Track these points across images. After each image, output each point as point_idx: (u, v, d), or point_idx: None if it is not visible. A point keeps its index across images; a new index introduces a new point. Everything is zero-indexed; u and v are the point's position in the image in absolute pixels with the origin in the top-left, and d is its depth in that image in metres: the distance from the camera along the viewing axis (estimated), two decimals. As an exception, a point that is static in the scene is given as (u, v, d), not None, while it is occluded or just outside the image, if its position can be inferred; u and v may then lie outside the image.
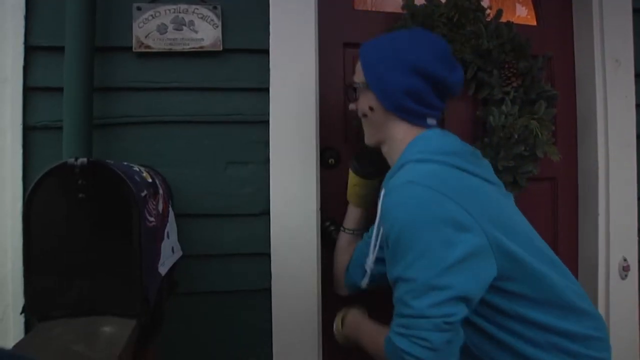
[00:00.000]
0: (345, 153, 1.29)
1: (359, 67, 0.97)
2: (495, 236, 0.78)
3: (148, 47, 1.12)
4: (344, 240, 1.17)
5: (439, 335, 0.73)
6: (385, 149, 0.99)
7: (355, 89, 0.98)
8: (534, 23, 1.45)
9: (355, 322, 1.05)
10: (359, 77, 0.97)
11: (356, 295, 1.14)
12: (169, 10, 1.13)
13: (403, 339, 0.75)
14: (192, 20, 1.13)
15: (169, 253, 0.97)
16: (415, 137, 0.91)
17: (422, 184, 0.79)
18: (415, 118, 0.93)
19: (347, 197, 1.16)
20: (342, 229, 1.18)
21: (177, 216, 1.09)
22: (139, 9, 1.12)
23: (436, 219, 0.76)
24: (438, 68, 0.89)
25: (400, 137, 0.94)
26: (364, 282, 1.04)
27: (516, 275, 0.80)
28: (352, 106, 1.02)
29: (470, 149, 0.95)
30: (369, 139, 1.02)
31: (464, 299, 0.75)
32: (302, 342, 1.16)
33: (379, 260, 0.95)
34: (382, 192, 0.88)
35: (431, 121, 0.94)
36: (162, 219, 0.93)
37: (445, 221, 0.76)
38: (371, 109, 0.95)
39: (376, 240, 0.95)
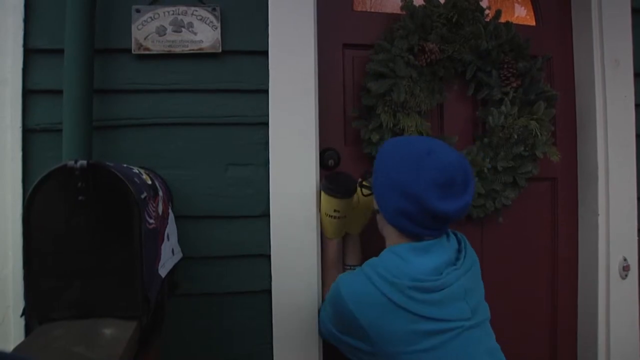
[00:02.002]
0: (345, 154, 1.29)
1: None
2: None
3: (147, 49, 1.12)
4: None
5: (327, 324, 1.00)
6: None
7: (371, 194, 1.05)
8: (533, 23, 1.45)
9: (332, 248, 1.17)
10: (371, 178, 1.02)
11: None
12: (168, 12, 1.13)
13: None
14: (191, 22, 1.13)
15: (169, 255, 0.97)
16: (396, 245, 0.94)
17: (351, 296, 0.89)
18: (410, 234, 0.94)
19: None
20: (347, 268, 1.20)
21: (177, 218, 1.09)
22: (137, 11, 1.12)
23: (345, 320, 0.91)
24: (429, 196, 0.86)
25: (390, 240, 1.00)
26: None
27: None
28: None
29: (439, 282, 0.87)
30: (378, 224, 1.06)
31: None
32: (303, 343, 1.16)
33: None
34: None
35: (428, 239, 0.94)
36: (162, 220, 0.93)
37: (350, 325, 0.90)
38: (377, 210, 1.01)
39: None
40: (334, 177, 1.13)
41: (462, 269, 0.92)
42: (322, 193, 1.13)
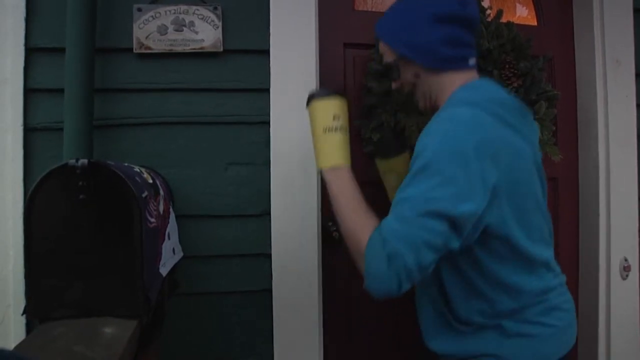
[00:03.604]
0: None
1: (384, 47, 0.97)
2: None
3: (148, 48, 1.12)
4: None
5: (430, 255, 0.72)
6: (437, 102, 0.95)
7: (396, 67, 0.96)
8: (535, 23, 1.45)
9: (341, 176, 0.86)
10: (389, 55, 0.96)
11: None
12: (170, 11, 1.13)
13: (399, 242, 0.71)
14: (192, 21, 1.13)
15: (170, 254, 0.97)
16: (464, 82, 0.90)
17: (464, 125, 0.77)
18: (458, 63, 0.92)
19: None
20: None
21: (178, 217, 1.09)
22: (139, 10, 1.12)
23: (469, 152, 0.74)
24: (454, 8, 0.89)
25: (448, 87, 0.92)
26: None
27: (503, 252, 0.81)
28: (395, 85, 1.00)
29: (523, 106, 0.93)
30: (424, 105, 0.99)
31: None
32: (303, 342, 1.16)
33: None
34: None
35: (472, 61, 0.93)
36: (163, 219, 0.93)
37: (469, 166, 0.74)
38: (417, 75, 0.94)
39: None
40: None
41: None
42: (311, 106, 0.91)
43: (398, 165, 1.08)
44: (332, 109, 0.90)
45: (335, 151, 0.88)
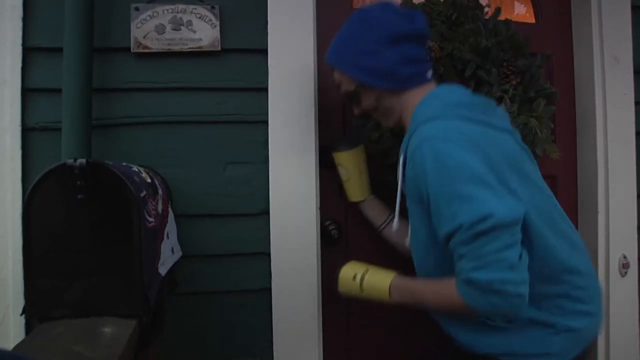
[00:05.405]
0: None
1: (340, 76, 0.97)
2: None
3: (146, 47, 1.12)
4: (388, 232, 1.16)
5: (511, 252, 0.74)
6: (405, 124, 0.97)
7: (355, 94, 0.98)
8: (533, 21, 1.45)
9: (398, 285, 0.93)
10: (348, 84, 0.97)
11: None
12: (167, 10, 1.13)
13: (480, 272, 0.73)
14: (190, 20, 1.13)
15: (169, 253, 0.97)
16: (422, 99, 0.91)
17: (441, 138, 0.79)
18: (418, 79, 0.93)
19: (351, 198, 1.16)
20: (378, 230, 1.18)
21: (177, 216, 1.09)
22: (137, 9, 1.12)
23: (465, 172, 0.76)
24: (405, 26, 0.90)
25: (411, 104, 0.93)
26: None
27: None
28: (357, 111, 1.02)
29: (483, 99, 0.95)
30: (388, 124, 1.01)
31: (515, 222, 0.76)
32: (303, 341, 1.16)
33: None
34: (402, 157, 0.89)
35: (429, 74, 0.95)
36: (162, 219, 0.93)
37: (473, 171, 0.77)
38: (378, 99, 0.95)
39: (399, 206, 0.94)
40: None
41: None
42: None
43: (346, 160, 1.13)
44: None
45: (378, 283, 0.95)
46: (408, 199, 0.90)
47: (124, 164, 0.94)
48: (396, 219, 0.95)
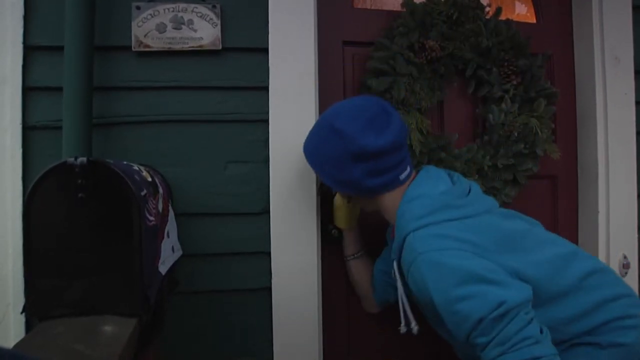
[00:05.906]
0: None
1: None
2: (512, 266, 0.81)
3: (147, 46, 1.12)
4: (353, 266, 1.19)
5: (533, 328, 0.74)
6: (384, 215, 1.00)
7: (331, 189, 1.03)
8: (534, 20, 1.45)
9: None
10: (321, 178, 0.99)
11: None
12: (168, 9, 1.12)
13: (509, 355, 0.73)
14: (191, 19, 1.13)
15: (169, 252, 0.97)
16: (401, 201, 0.92)
17: (435, 248, 0.81)
18: (389, 186, 0.93)
19: (336, 223, 1.17)
20: (346, 258, 1.20)
21: (177, 215, 1.09)
22: (138, 8, 1.12)
23: (463, 274, 0.78)
24: (369, 143, 0.86)
25: (390, 205, 0.95)
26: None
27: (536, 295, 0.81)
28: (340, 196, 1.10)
29: (460, 180, 0.95)
30: (366, 210, 1.04)
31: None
32: (303, 341, 1.16)
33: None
34: (395, 265, 0.92)
35: (404, 174, 0.94)
36: (162, 218, 0.93)
37: (472, 272, 0.79)
38: (350, 196, 1.00)
39: (403, 287, 0.94)
40: None
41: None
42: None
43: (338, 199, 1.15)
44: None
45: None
46: (419, 303, 0.93)
47: (125, 162, 0.93)
48: (403, 327, 0.95)
